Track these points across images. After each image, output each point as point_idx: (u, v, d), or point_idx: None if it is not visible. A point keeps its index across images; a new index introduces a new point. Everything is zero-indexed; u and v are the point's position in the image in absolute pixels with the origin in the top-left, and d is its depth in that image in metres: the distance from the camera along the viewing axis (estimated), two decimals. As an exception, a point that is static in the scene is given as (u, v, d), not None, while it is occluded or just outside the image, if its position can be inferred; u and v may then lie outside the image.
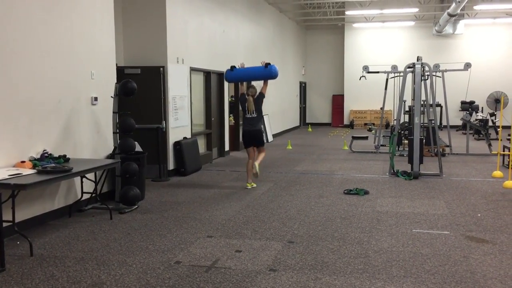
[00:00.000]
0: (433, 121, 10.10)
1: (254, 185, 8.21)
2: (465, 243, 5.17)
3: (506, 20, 19.75)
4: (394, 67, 12.58)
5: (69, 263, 4.59)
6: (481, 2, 17.66)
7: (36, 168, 5.32)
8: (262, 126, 8.30)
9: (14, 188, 4.74)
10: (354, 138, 13.16)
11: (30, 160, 5.57)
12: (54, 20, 6.09)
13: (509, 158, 9.08)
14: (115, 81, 7.35)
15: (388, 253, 4.85)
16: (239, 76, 8.32)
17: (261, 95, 8.20)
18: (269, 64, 8.02)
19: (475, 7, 17.59)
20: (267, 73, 8.01)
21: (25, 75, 5.62)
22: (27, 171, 5.21)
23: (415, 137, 9.06)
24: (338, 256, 4.76)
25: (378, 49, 21.32)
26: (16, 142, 5.52)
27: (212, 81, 11.27)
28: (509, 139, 10.63)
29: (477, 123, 14.95)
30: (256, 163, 7.94)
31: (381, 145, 12.78)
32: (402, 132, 12.44)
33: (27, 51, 5.65)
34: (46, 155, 5.80)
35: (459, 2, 14.12)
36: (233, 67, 8.21)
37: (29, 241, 4.88)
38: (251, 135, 8.12)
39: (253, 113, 8.13)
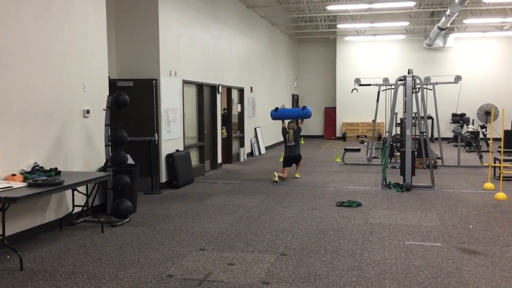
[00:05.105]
0: (424, 133, 10.16)
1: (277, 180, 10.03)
2: (458, 255, 5.18)
3: (495, 34, 20.02)
4: (386, 80, 12.65)
5: (59, 278, 4.54)
6: (471, 16, 17.91)
7: (27, 181, 5.28)
8: (299, 151, 10.59)
9: (4, 201, 4.70)
10: (346, 150, 13.20)
11: (21, 173, 5.53)
12: (46, 33, 6.09)
13: (500, 170, 9.14)
14: (108, 93, 7.34)
15: (381, 265, 4.85)
16: (282, 115, 10.59)
17: (299, 129, 10.52)
18: (305, 107, 10.51)
19: (465, 21, 17.83)
20: (303, 113, 10.47)
21: (16, 87, 5.60)
22: (18, 184, 5.17)
23: (407, 149, 9.10)
24: (331, 269, 4.75)
25: (370, 62, 21.50)
26: (7, 155, 5.48)
27: (204, 93, 11.29)
28: (499, 151, 10.71)
29: (468, 135, 15.05)
30: (297, 174, 10.67)
31: (374, 157, 12.82)
32: (394, 144, 12.50)
33: (19, 63, 5.64)
34: (37, 168, 5.76)
35: (449, 16, 14.30)
36: (277, 108, 10.66)
37: (19, 255, 4.83)
38: (293, 159, 10.46)
39: (292, 142, 10.38)
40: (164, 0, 9.12)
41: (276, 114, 10.57)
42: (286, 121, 10.59)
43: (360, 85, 13.33)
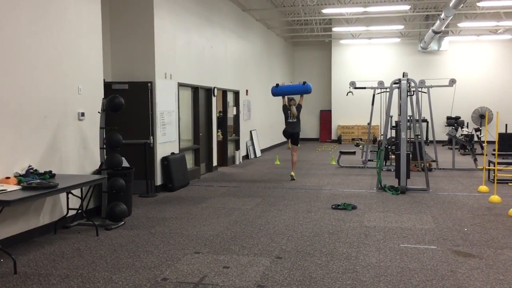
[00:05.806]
0: (419, 136, 10.19)
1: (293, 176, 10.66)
2: (452, 257, 5.19)
3: (489, 37, 20.14)
4: (381, 83, 12.71)
5: (53, 281, 4.51)
6: (465, 19, 18.00)
7: (21, 184, 5.26)
8: (299, 128, 10.86)
9: (-2, 204, 4.67)
10: (341, 153, 13.22)
11: (15, 176, 5.50)
12: (41, 35, 6.07)
13: (494, 173, 9.18)
14: (102, 96, 7.33)
15: (376, 268, 4.85)
16: (282, 91, 10.76)
17: (300, 106, 10.78)
18: (305, 82, 10.68)
19: (459, 25, 17.93)
20: (304, 89, 10.61)
21: (11, 90, 5.57)
22: (12, 187, 5.15)
23: (402, 152, 9.13)
24: (326, 272, 4.75)
25: (365, 65, 21.56)
26: (1, 157, 5.45)
27: (200, 96, 11.29)
28: (494, 154, 10.76)
29: (462, 138, 15.11)
30: (292, 173, 10.75)
31: (369, 160, 12.85)
32: (389, 147, 12.52)
33: (14, 65, 5.61)
34: (31, 170, 5.73)
35: (443, 19, 14.37)
36: (277, 84, 10.81)
37: (13, 259, 4.80)
38: (291, 136, 10.79)
39: (294, 118, 10.65)
40: (160, 3, 9.13)
41: (277, 91, 10.73)
42: (286, 98, 10.80)
43: (355, 88, 13.37)
